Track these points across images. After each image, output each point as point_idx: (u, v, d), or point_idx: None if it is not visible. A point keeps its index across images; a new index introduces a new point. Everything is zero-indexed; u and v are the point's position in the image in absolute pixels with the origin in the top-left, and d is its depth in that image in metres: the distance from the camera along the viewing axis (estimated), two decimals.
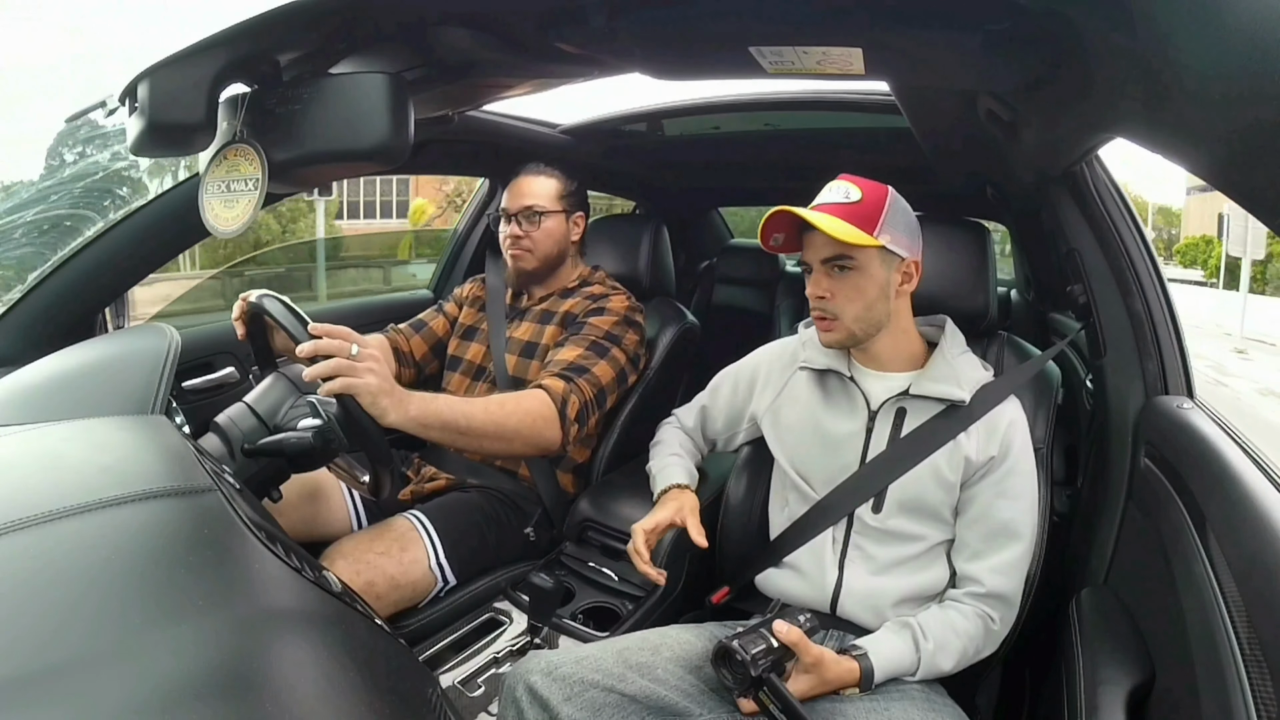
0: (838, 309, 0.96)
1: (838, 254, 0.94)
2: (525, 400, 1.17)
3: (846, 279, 0.95)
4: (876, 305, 0.97)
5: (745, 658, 0.82)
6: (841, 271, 0.95)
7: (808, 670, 0.86)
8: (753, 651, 0.83)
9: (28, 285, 1.19)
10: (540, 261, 1.41)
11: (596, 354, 1.30)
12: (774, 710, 0.82)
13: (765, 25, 0.73)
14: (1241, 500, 0.69)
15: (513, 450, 1.19)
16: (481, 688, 1.10)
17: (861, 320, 0.97)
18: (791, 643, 0.85)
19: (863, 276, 0.95)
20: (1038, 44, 0.65)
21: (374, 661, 0.53)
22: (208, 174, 0.75)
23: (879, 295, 0.96)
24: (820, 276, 0.96)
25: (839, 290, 0.96)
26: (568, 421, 1.20)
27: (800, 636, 0.86)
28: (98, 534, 0.50)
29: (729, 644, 0.84)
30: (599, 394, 1.28)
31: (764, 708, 0.83)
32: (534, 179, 1.41)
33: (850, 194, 0.94)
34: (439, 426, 1.03)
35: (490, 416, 1.10)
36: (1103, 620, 0.90)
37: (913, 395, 0.99)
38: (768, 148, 1.87)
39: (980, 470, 0.96)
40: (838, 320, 0.97)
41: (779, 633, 0.85)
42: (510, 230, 1.39)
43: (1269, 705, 0.56)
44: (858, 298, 0.96)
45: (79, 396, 0.81)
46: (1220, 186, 0.47)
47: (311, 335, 0.93)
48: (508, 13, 0.78)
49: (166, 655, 0.41)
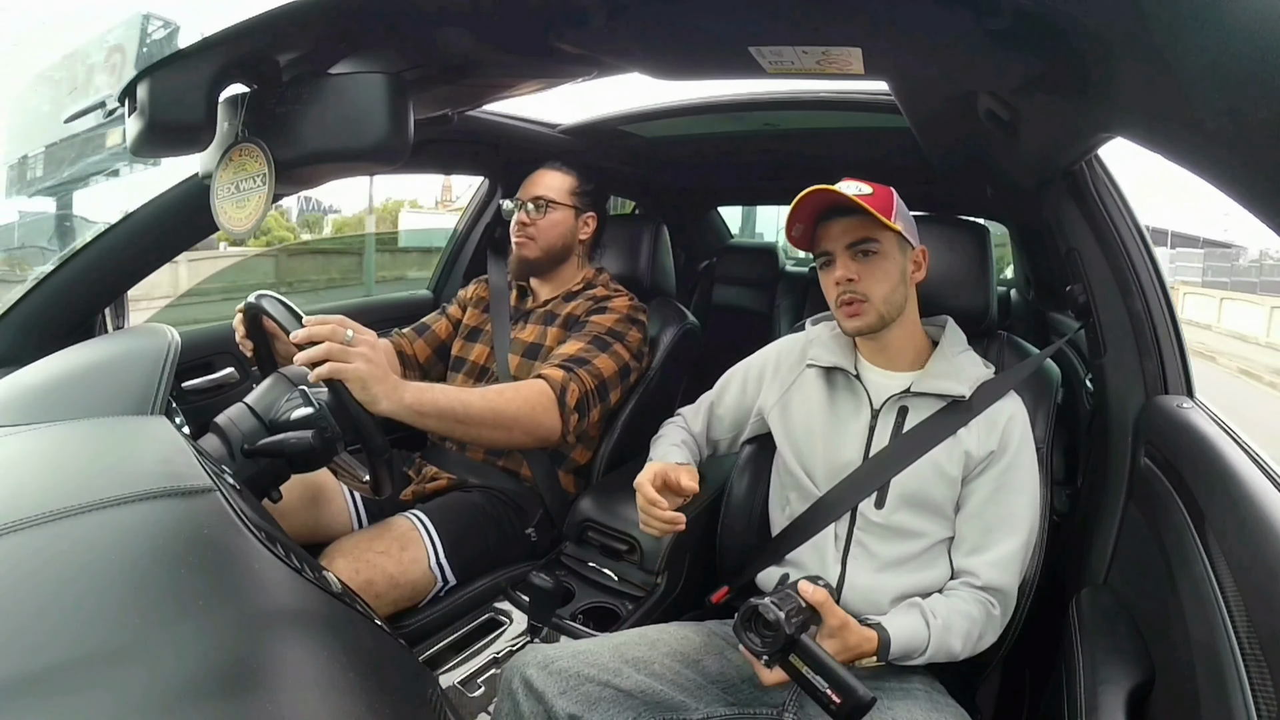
0: (866, 290, 0.98)
1: (863, 237, 0.97)
2: (524, 389, 1.17)
3: (871, 262, 0.98)
4: (898, 289, 1.00)
5: (778, 616, 0.78)
6: (866, 256, 0.98)
7: (832, 634, 0.84)
8: (785, 609, 0.79)
9: (28, 285, 1.18)
10: (542, 251, 1.41)
11: (598, 348, 1.30)
12: (806, 673, 0.77)
13: (765, 25, 0.73)
14: (1241, 500, 0.69)
15: (512, 439, 1.18)
16: (481, 688, 1.10)
17: (889, 302, 0.99)
18: (818, 603, 0.82)
19: (886, 260, 0.98)
20: (1038, 43, 0.65)
21: (374, 661, 0.53)
22: (217, 178, 0.75)
23: (900, 279, 0.99)
24: (846, 260, 0.98)
25: (866, 272, 0.98)
26: (567, 410, 1.19)
27: (826, 596, 0.84)
28: (98, 534, 0.50)
29: (759, 604, 0.80)
30: (600, 386, 1.27)
31: (794, 672, 0.79)
32: (550, 172, 1.45)
33: (861, 189, 0.96)
34: (435, 415, 1.01)
35: (489, 404, 1.10)
36: (1103, 620, 0.90)
37: (915, 393, 1.00)
38: (768, 147, 1.87)
39: (980, 465, 0.96)
40: (867, 302, 0.98)
41: (805, 592, 0.83)
42: (518, 217, 1.42)
43: (1269, 705, 0.56)
44: (884, 279, 0.98)
45: (79, 396, 0.81)
46: (1220, 186, 0.47)
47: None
48: (508, 13, 0.78)
49: (167, 655, 0.41)
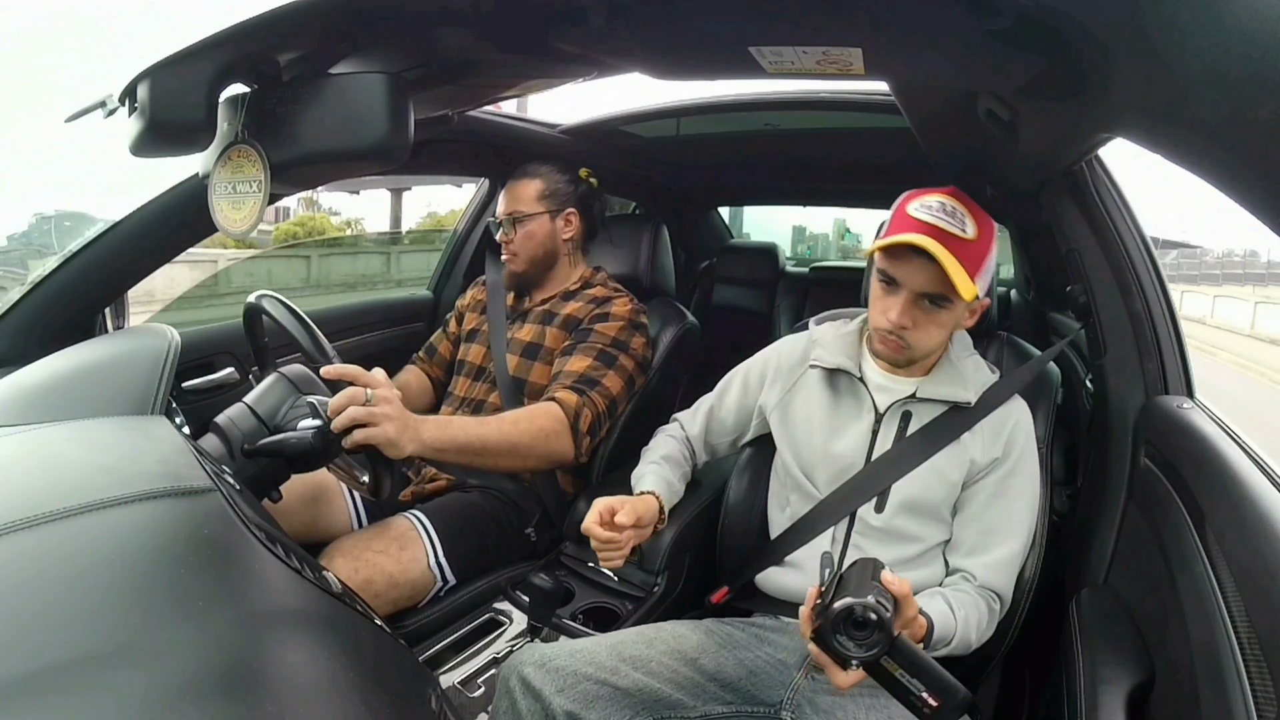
0: (914, 340, 0.93)
1: (940, 293, 0.90)
2: (538, 418, 1.19)
3: (934, 315, 0.92)
4: (945, 337, 0.97)
5: (885, 617, 0.67)
6: (933, 306, 0.92)
7: (906, 626, 0.74)
8: (891, 610, 0.68)
9: (28, 285, 1.18)
10: (526, 264, 1.42)
11: (605, 364, 1.31)
12: (900, 675, 0.68)
13: (765, 25, 0.72)
14: (1241, 500, 0.69)
15: (526, 465, 1.22)
16: (481, 688, 1.10)
17: (929, 351, 0.97)
18: (903, 595, 0.72)
19: (949, 315, 0.93)
20: (1038, 44, 0.65)
21: (373, 661, 0.54)
22: (214, 176, 0.75)
23: (951, 329, 0.96)
24: (908, 306, 0.92)
25: (923, 324, 0.93)
26: (580, 435, 1.22)
27: (909, 587, 0.73)
28: (98, 534, 0.50)
29: (855, 604, 0.67)
30: (610, 405, 1.30)
31: (883, 675, 0.69)
32: (517, 184, 1.43)
33: (967, 228, 0.89)
34: (454, 450, 1.06)
35: (504, 437, 1.13)
36: (1103, 620, 0.90)
37: (919, 399, 0.99)
38: (768, 148, 1.87)
39: (984, 470, 0.96)
40: (911, 349, 0.94)
41: (889, 583, 0.71)
42: (499, 236, 1.43)
43: (1269, 705, 0.56)
44: (937, 333, 0.94)
45: (79, 396, 0.81)
46: (1220, 186, 0.47)
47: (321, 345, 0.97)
48: (508, 13, 0.78)
49: (167, 655, 0.41)
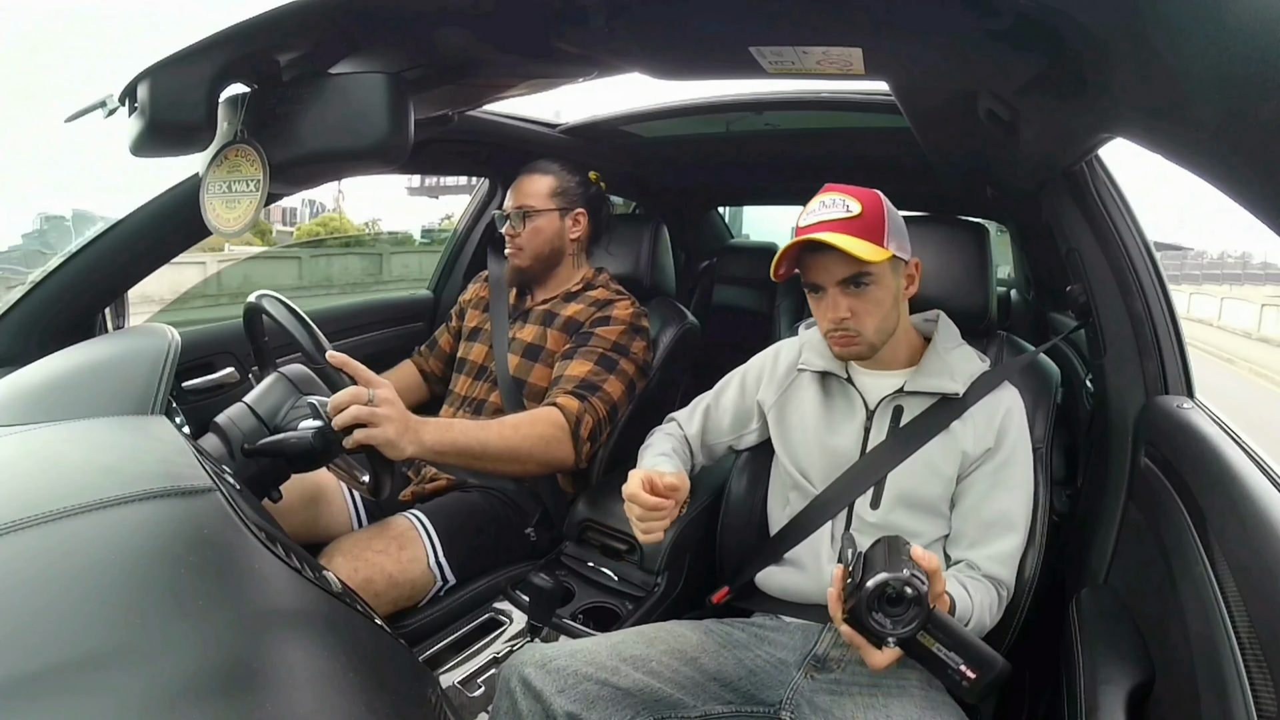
0: (859, 326, 0.95)
1: (856, 273, 0.93)
2: (539, 423, 1.19)
3: (865, 294, 0.94)
4: (891, 313, 0.97)
5: (921, 590, 0.66)
6: (859, 288, 0.94)
7: (936, 600, 0.74)
8: (926, 584, 0.68)
9: (28, 285, 1.18)
10: (532, 259, 1.42)
11: (606, 369, 1.30)
12: (937, 650, 0.68)
13: (765, 25, 0.72)
14: (1241, 500, 0.69)
15: (526, 470, 1.21)
16: (481, 688, 1.10)
17: (881, 331, 0.97)
18: (933, 570, 0.72)
19: (879, 289, 0.95)
20: (1038, 43, 0.65)
21: (374, 661, 0.54)
22: (208, 174, 0.75)
23: (893, 304, 0.97)
24: (837, 297, 0.95)
25: (859, 307, 0.95)
26: (580, 441, 1.22)
27: (939, 562, 0.74)
28: (98, 534, 0.50)
29: (890, 579, 0.67)
30: (612, 410, 1.30)
31: (921, 651, 0.69)
32: (529, 178, 1.43)
33: (850, 206, 0.92)
34: (455, 454, 1.06)
35: (505, 442, 1.13)
36: (1103, 620, 0.90)
37: (908, 392, 1.00)
38: (768, 147, 1.87)
39: (976, 461, 0.97)
40: (860, 336, 0.96)
41: (920, 559, 0.71)
42: (506, 230, 1.42)
43: (1269, 705, 0.56)
44: (877, 311, 0.95)
45: (79, 396, 0.81)
46: (1220, 186, 0.46)
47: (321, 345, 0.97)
48: (508, 13, 0.78)
49: (166, 655, 0.41)
